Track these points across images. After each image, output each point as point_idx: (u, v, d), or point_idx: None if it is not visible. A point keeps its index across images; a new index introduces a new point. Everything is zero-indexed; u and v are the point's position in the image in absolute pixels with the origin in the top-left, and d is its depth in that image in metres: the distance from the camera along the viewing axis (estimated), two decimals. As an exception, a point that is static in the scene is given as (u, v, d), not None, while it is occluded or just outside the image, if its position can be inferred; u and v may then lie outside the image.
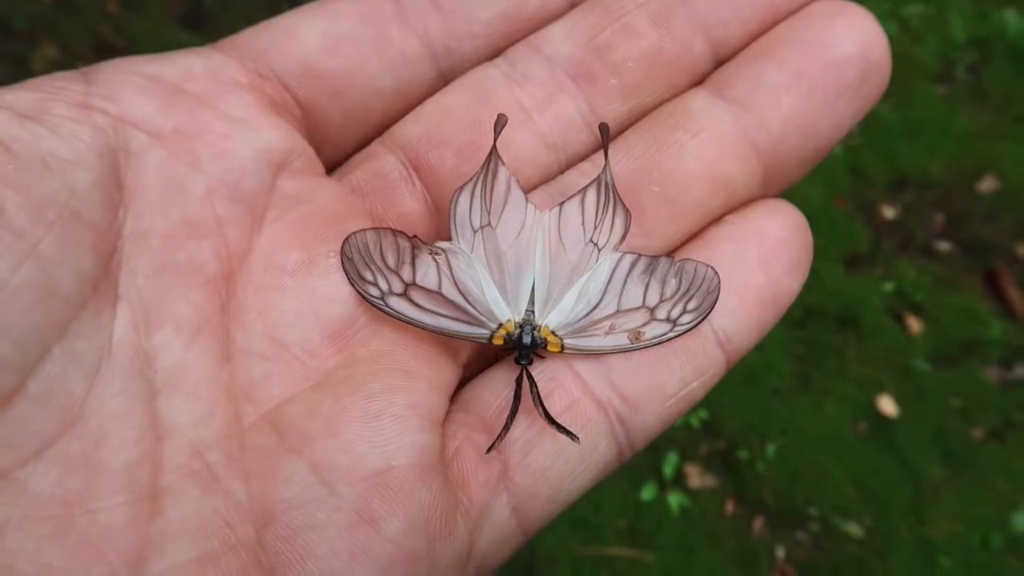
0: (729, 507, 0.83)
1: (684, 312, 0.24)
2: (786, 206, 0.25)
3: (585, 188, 0.24)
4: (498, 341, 0.23)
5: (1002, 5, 1.15)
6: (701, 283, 0.24)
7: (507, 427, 0.22)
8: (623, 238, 0.24)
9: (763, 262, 0.24)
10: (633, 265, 0.24)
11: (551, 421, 0.22)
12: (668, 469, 0.83)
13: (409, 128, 0.25)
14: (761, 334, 0.24)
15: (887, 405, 0.89)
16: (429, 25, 0.25)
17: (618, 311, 0.24)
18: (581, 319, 0.24)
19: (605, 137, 0.24)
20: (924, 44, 1.11)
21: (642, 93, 0.25)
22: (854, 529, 0.82)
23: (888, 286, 0.95)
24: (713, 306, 0.23)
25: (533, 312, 0.24)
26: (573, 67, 0.25)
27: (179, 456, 0.20)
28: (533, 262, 0.24)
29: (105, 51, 0.93)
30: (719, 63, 0.26)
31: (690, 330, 0.24)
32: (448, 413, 0.23)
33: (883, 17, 1.15)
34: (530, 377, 0.23)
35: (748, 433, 0.86)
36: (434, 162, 0.24)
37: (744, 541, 0.82)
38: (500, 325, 0.24)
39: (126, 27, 0.97)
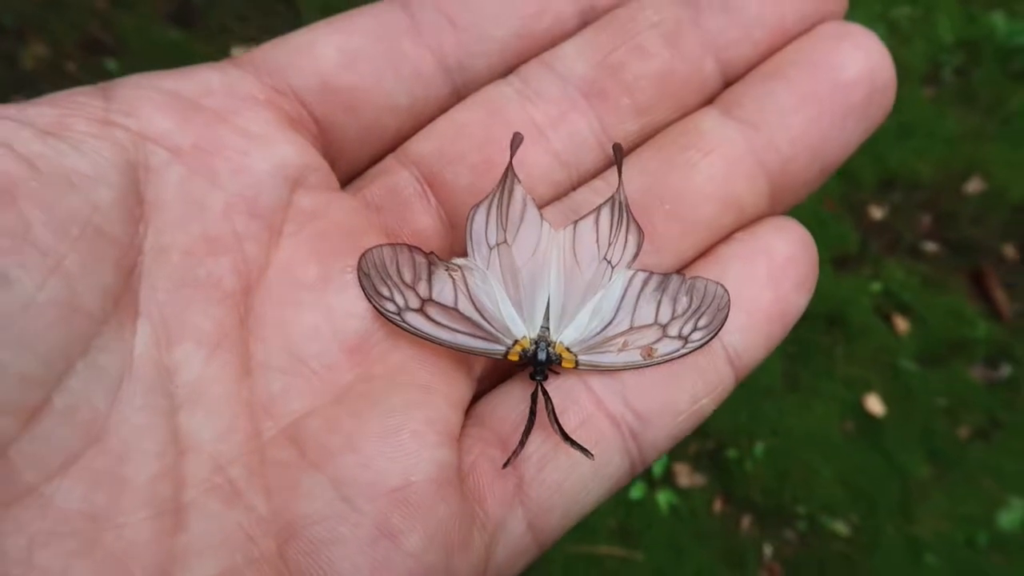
0: (718, 506, 0.84)
1: (695, 329, 0.24)
2: (793, 224, 0.25)
3: (599, 207, 0.24)
4: (513, 357, 0.24)
5: (990, 7, 1.16)
6: (712, 300, 0.24)
7: (523, 443, 0.22)
8: (636, 256, 0.24)
9: (772, 279, 0.24)
10: (645, 283, 0.24)
11: (566, 437, 0.22)
12: (657, 468, 0.83)
13: (423, 144, 0.25)
14: (769, 350, 0.25)
15: (874, 404, 0.89)
16: (443, 42, 0.25)
17: (631, 328, 0.24)
18: (595, 336, 0.24)
19: (619, 157, 0.24)
20: (912, 46, 1.12)
21: (653, 112, 0.25)
22: (841, 527, 0.83)
23: (876, 286, 0.96)
24: (723, 323, 0.24)
25: (548, 328, 0.24)
26: (586, 85, 0.25)
27: (201, 471, 0.20)
28: (548, 279, 0.24)
29: (94, 48, 0.92)
30: (728, 83, 0.26)
31: (701, 347, 0.24)
32: (463, 427, 0.23)
33: (872, 19, 1.16)
34: (545, 393, 0.23)
35: (737, 432, 0.87)
36: (448, 178, 0.25)
37: (732, 539, 0.82)
38: (516, 341, 0.24)
39: (115, 24, 0.96)
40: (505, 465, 0.22)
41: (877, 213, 1.02)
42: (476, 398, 0.24)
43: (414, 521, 0.20)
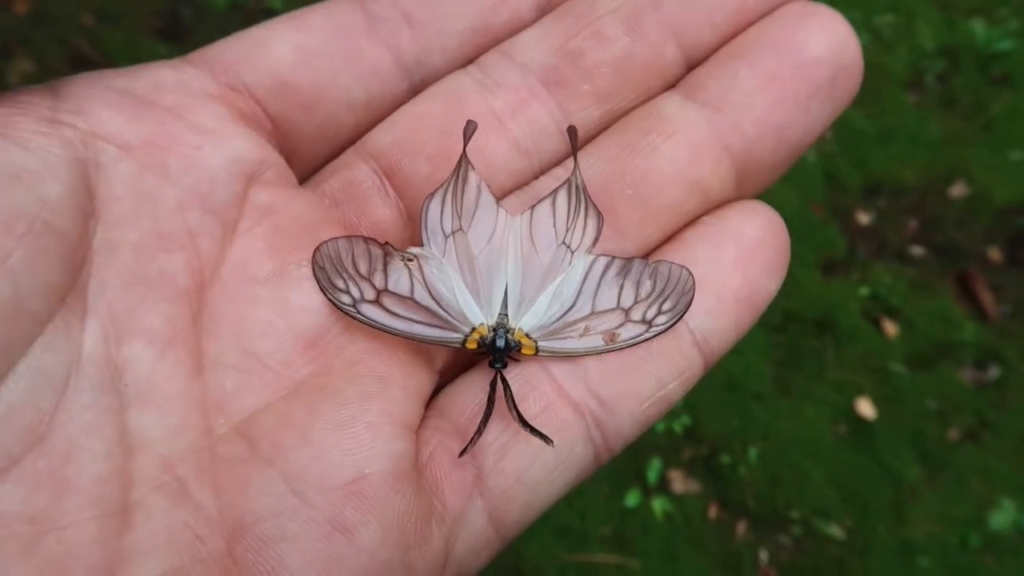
0: (712, 511, 0.84)
1: (659, 313, 0.23)
2: (762, 207, 0.25)
3: (556, 190, 0.24)
4: (472, 345, 0.23)
5: (969, 15, 1.17)
6: (676, 284, 0.24)
7: (480, 431, 0.22)
8: (596, 240, 0.24)
9: (740, 262, 0.24)
10: (607, 267, 0.24)
11: (525, 424, 0.22)
12: (652, 475, 0.83)
13: (382, 136, 0.25)
14: (739, 335, 0.24)
15: (865, 408, 0.90)
16: (400, 39, 0.25)
17: (592, 313, 0.24)
18: (555, 321, 0.24)
19: (573, 140, 0.24)
20: (895, 53, 1.14)
21: (615, 98, 0.25)
22: (835, 531, 0.83)
23: (864, 291, 0.96)
24: (688, 307, 0.23)
25: (507, 315, 0.24)
26: (545, 73, 0.25)
27: (149, 470, 0.20)
28: (505, 265, 0.24)
29: (81, 64, 0.92)
30: (691, 68, 0.26)
31: (665, 331, 0.23)
32: (423, 419, 0.23)
33: (854, 27, 1.17)
34: (504, 380, 0.22)
35: (730, 438, 0.87)
36: (407, 170, 0.24)
37: (728, 545, 0.82)
38: (473, 329, 0.24)
39: (102, 40, 0.96)
40: (462, 453, 0.22)
41: (864, 218, 1.03)
42: (438, 391, 0.24)
43: (368, 515, 0.20)
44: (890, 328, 0.95)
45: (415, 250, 0.24)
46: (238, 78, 0.24)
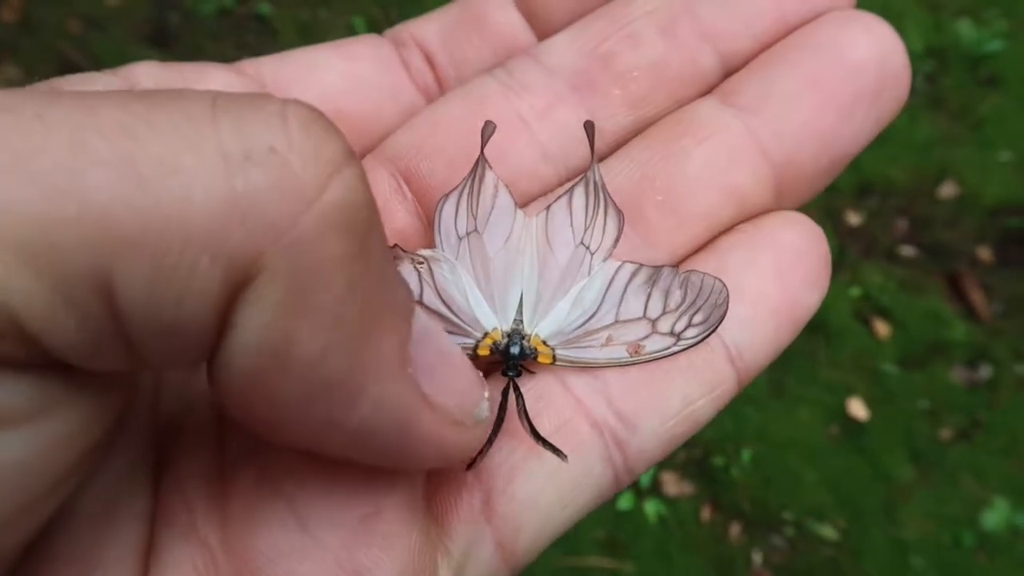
0: (706, 514, 0.84)
1: (689, 326, 0.22)
2: (802, 217, 0.24)
3: (572, 187, 0.23)
4: (483, 352, 0.22)
5: (957, 16, 1.18)
6: (708, 296, 0.22)
7: (491, 440, 0.20)
8: (616, 240, 0.23)
9: (779, 272, 0.22)
10: (634, 274, 0.23)
11: (538, 437, 0.20)
12: (644, 478, 0.83)
13: (400, 139, 0.24)
14: (776, 350, 0.22)
15: (857, 408, 0.90)
16: (428, 82, 0.25)
17: (616, 322, 0.22)
18: (576, 328, 0.22)
19: (590, 135, 0.23)
20: (883, 54, 1.14)
21: (647, 105, 0.24)
22: (828, 532, 0.83)
23: (855, 291, 0.97)
24: (720, 321, 0.22)
25: (522, 321, 0.23)
26: (574, 77, 0.24)
27: (167, 503, 0.18)
28: (522, 268, 0.23)
29: (68, 71, 0.92)
30: (727, 76, 0.25)
31: (695, 345, 0.22)
32: None
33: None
34: (517, 389, 0.21)
35: (723, 440, 0.87)
36: (424, 173, 0.23)
37: (721, 547, 0.82)
38: (486, 334, 0.22)
39: (90, 47, 0.96)
40: (470, 467, 0.20)
41: (854, 219, 1.03)
42: None
43: (383, 555, 0.18)
44: (881, 328, 0.95)
45: (425, 252, 0.23)
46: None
